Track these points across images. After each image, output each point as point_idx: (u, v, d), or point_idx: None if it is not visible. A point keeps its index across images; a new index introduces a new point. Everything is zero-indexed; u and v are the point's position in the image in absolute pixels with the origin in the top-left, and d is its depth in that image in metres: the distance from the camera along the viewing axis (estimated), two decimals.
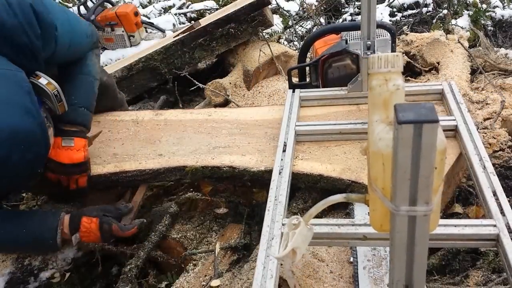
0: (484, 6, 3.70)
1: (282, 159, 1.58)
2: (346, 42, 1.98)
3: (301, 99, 1.98)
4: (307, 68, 2.14)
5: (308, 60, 2.20)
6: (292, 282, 0.78)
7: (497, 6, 3.73)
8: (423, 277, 0.72)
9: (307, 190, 1.70)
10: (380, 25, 1.93)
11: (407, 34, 2.89)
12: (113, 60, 3.43)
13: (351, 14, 4.15)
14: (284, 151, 1.63)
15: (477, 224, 1.20)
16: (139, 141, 1.96)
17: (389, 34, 1.96)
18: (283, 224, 1.28)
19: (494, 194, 1.28)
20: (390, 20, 3.87)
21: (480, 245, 1.32)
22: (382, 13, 3.93)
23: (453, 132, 1.62)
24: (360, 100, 1.93)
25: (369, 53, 1.75)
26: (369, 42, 1.75)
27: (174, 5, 4.72)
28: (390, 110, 0.71)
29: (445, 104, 1.78)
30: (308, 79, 2.14)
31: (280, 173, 1.51)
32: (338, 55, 2.02)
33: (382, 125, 0.71)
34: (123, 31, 3.47)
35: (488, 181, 1.32)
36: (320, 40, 2.23)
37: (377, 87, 0.73)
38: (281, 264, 1.20)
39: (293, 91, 2.03)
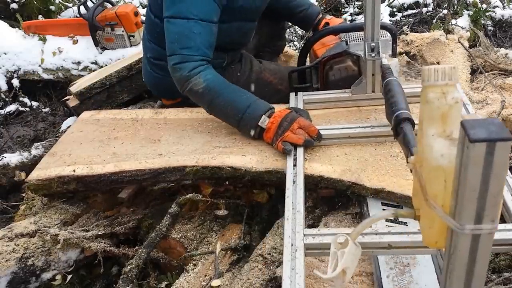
0: (484, 6, 3.70)
1: (294, 165, 1.58)
2: (347, 43, 1.97)
3: (304, 102, 1.98)
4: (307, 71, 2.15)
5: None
6: None
7: (497, 6, 3.72)
8: None
9: (307, 191, 1.69)
10: (382, 26, 1.93)
11: (407, 34, 2.89)
12: (113, 60, 3.42)
13: (351, 14, 4.15)
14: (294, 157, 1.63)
15: (505, 229, 1.19)
16: (139, 140, 1.96)
17: (389, 35, 1.95)
18: (304, 235, 1.26)
19: None
20: (390, 20, 3.87)
21: (503, 250, 1.30)
22: (382, 13, 3.92)
23: None
24: (364, 102, 1.93)
25: (373, 54, 1.75)
26: (373, 44, 1.74)
27: None
28: (448, 124, 0.69)
29: None
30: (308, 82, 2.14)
31: (294, 182, 1.50)
32: (339, 56, 2.01)
33: (440, 140, 0.69)
34: (123, 31, 3.46)
35: (506, 185, 1.31)
36: (318, 42, 2.21)
37: (435, 100, 0.70)
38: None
39: (296, 94, 2.03)
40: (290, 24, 2.98)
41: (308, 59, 2.33)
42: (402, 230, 1.21)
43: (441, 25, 3.43)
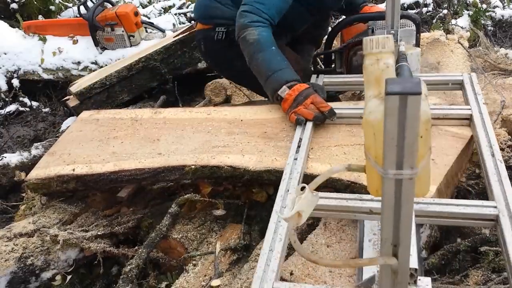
0: (484, 6, 3.70)
1: (301, 138, 1.66)
2: (372, 31, 2.05)
3: (324, 83, 2.06)
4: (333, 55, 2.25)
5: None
6: (293, 238, 0.86)
7: (497, 6, 3.72)
8: (409, 237, 0.78)
9: None
10: (405, 16, 1.99)
11: None
12: (113, 60, 3.43)
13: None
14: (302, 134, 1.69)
15: (478, 205, 1.28)
16: (138, 139, 1.95)
17: (414, 25, 1.99)
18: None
19: (499, 178, 1.36)
20: None
21: (479, 224, 1.40)
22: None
23: (468, 121, 1.69)
24: None
25: None
26: (393, 31, 1.82)
27: (174, 5, 4.72)
28: (382, 86, 0.77)
29: (464, 95, 1.85)
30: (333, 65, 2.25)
31: (299, 146, 1.59)
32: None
33: (374, 100, 0.78)
34: (123, 31, 3.47)
35: (494, 167, 1.41)
36: (349, 28, 2.29)
37: (369, 66, 0.80)
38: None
39: (317, 76, 2.11)
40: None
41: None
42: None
43: (441, 25, 3.43)
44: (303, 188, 0.87)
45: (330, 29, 2.55)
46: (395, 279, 0.84)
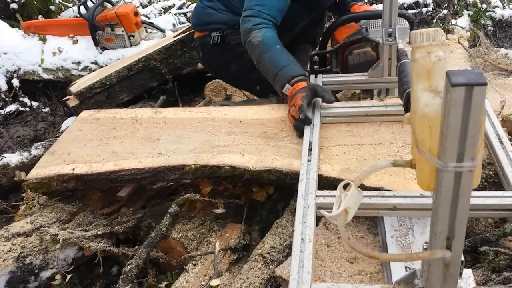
0: (484, 6, 3.70)
1: (310, 141, 1.65)
2: (366, 30, 2.05)
3: (323, 83, 2.07)
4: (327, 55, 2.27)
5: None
6: (346, 235, 0.86)
7: (497, 6, 3.72)
8: (464, 230, 0.79)
9: None
10: (400, 14, 2.00)
11: None
12: (113, 60, 3.43)
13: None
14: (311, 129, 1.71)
15: (498, 196, 1.29)
16: (138, 139, 1.95)
17: (407, 23, 2.01)
18: (316, 196, 1.37)
19: None
20: None
21: (501, 215, 1.41)
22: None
23: None
24: (380, 85, 2.05)
25: (390, 39, 1.87)
26: (391, 29, 1.85)
27: (174, 5, 4.72)
28: (432, 79, 0.78)
29: None
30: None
31: (310, 149, 1.60)
32: (359, 42, 2.13)
33: (426, 93, 0.78)
34: (123, 31, 3.47)
35: (507, 157, 1.43)
36: (340, 28, 2.31)
37: (420, 59, 0.80)
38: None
39: (316, 76, 2.12)
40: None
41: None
42: (406, 193, 1.32)
43: (441, 25, 3.43)
44: (345, 186, 0.87)
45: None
46: (446, 272, 0.85)
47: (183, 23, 4.23)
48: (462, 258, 0.93)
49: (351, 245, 0.86)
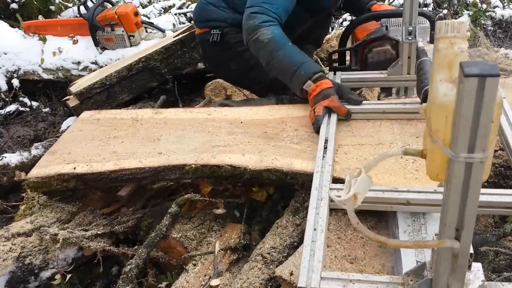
0: (484, 6, 3.70)
1: (326, 137, 1.66)
2: (387, 28, 2.06)
3: (342, 80, 2.08)
4: (347, 52, 2.28)
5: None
6: (355, 220, 0.87)
7: (497, 6, 3.73)
8: (473, 221, 0.79)
9: (306, 190, 1.69)
10: (420, 13, 2.00)
11: None
12: (113, 60, 3.43)
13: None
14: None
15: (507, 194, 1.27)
16: (139, 139, 1.96)
17: (428, 22, 2.01)
18: (330, 189, 1.39)
19: None
20: None
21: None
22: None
23: None
24: (399, 83, 2.06)
25: (410, 38, 1.87)
26: (411, 28, 1.85)
27: (174, 5, 4.73)
28: (453, 70, 0.79)
29: None
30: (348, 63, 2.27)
31: (325, 147, 1.61)
32: (379, 40, 2.14)
33: (446, 83, 0.79)
34: (123, 31, 3.47)
35: None
36: (361, 26, 2.31)
37: (443, 50, 0.80)
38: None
39: (334, 73, 2.14)
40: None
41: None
42: (420, 189, 1.34)
43: None
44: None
45: (331, 29, 2.56)
46: (455, 263, 0.86)
47: (183, 23, 4.24)
48: (471, 251, 0.93)
49: (360, 229, 0.86)
